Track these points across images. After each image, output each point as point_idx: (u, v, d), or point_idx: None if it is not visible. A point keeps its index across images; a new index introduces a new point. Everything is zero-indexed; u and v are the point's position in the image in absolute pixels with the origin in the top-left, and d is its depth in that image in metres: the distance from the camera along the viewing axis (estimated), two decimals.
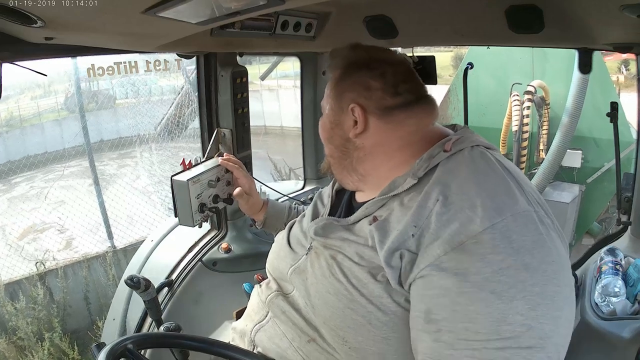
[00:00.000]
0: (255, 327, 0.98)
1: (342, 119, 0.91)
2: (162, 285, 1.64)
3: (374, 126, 0.87)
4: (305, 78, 2.07)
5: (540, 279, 0.66)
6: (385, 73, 0.87)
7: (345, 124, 0.90)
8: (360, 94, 0.87)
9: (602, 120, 2.17)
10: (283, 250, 1.01)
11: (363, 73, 0.88)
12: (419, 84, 0.91)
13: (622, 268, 1.33)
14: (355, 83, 0.89)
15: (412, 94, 0.88)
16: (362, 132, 0.87)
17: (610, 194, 4.15)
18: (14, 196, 7.09)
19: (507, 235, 0.67)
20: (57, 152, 7.43)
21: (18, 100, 9.18)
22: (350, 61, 0.91)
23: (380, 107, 0.86)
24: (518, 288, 0.65)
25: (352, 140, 0.90)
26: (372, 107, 0.87)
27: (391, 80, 0.87)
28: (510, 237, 0.67)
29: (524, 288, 0.65)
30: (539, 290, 0.66)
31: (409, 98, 0.87)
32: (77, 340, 3.59)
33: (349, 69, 0.91)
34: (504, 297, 0.65)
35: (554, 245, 0.70)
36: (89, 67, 6.23)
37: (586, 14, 1.08)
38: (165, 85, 7.93)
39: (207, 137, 1.67)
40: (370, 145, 0.88)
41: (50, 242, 5.07)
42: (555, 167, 4.02)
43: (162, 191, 5.51)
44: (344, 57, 0.93)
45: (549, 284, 0.67)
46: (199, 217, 1.29)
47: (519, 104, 4.14)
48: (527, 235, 0.68)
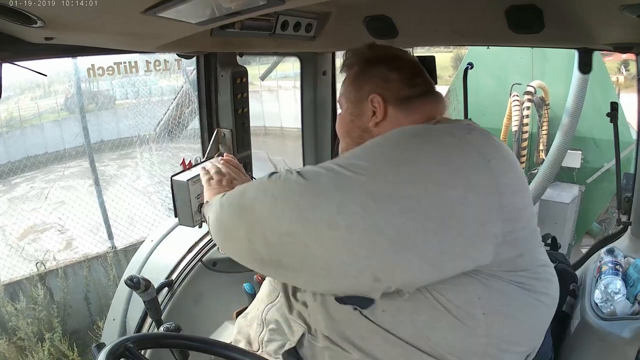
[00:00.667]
0: (267, 307, 1.02)
1: (361, 110, 0.96)
2: (162, 285, 1.64)
3: (392, 115, 0.93)
4: (305, 78, 2.07)
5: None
6: (401, 67, 0.95)
7: (365, 115, 0.95)
8: (379, 85, 0.93)
9: (602, 120, 2.17)
10: None
11: (381, 67, 0.95)
12: (430, 79, 0.98)
13: (622, 268, 1.33)
14: (374, 76, 0.95)
15: (425, 86, 0.95)
16: (381, 121, 0.93)
17: (610, 194, 4.15)
18: (15, 196, 7.08)
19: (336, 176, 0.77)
20: (57, 153, 7.42)
21: (18, 101, 9.17)
22: (368, 57, 0.98)
23: (398, 96, 0.93)
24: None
25: (370, 130, 0.95)
26: (391, 97, 0.93)
27: (407, 73, 0.94)
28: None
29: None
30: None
31: (423, 89, 0.94)
32: (77, 341, 3.59)
33: (367, 64, 0.97)
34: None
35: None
36: (89, 67, 6.23)
37: (586, 14, 1.08)
38: (165, 86, 7.93)
39: (207, 137, 1.67)
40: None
41: (50, 242, 5.07)
42: (555, 168, 4.01)
43: (162, 191, 5.51)
44: (361, 54, 0.99)
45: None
46: (199, 217, 1.29)
47: (519, 104, 4.14)
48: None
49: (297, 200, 0.75)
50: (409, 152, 0.75)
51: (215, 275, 1.74)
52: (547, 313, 0.85)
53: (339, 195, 0.71)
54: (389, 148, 0.77)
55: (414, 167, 0.73)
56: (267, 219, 0.77)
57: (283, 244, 0.76)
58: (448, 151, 0.76)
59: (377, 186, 0.71)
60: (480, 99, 4.33)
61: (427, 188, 0.71)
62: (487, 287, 0.75)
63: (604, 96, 4.01)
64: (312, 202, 0.73)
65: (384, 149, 0.77)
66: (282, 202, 0.76)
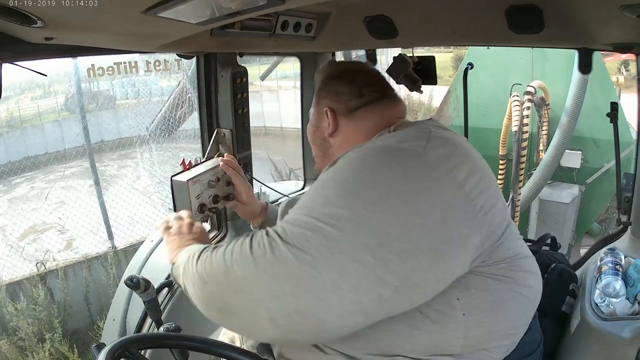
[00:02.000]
0: None
1: (319, 122, 1.07)
2: (162, 285, 1.64)
3: (343, 125, 1.02)
4: (305, 78, 2.07)
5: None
6: (352, 80, 1.04)
7: (322, 126, 1.06)
8: (331, 98, 1.04)
9: (601, 120, 2.17)
10: None
11: (335, 82, 1.05)
12: (385, 86, 1.06)
13: (622, 268, 1.33)
14: (328, 91, 1.05)
15: (376, 94, 1.02)
16: (333, 132, 1.03)
17: (610, 194, 4.14)
18: (15, 197, 7.09)
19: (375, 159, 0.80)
20: (57, 153, 7.43)
21: (18, 101, 9.18)
22: (327, 74, 1.10)
23: (347, 108, 1.02)
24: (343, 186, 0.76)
25: (327, 140, 1.05)
26: (340, 109, 1.02)
27: (357, 85, 1.02)
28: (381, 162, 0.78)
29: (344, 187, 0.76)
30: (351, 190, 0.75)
31: (372, 97, 1.01)
32: (77, 341, 3.59)
33: (326, 80, 1.08)
34: (330, 189, 0.77)
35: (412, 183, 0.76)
36: (89, 67, 6.23)
37: (586, 14, 1.08)
38: (165, 86, 7.94)
39: (207, 137, 1.67)
40: (340, 141, 1.03)
41: (50, 242, 5.08)
42: (553, 167, 4.02)
43: (162, 192, 5.52)
44: (323, 71, 1.11)
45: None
46: (199, 217, 1.29)
47: (519, 104, 4.14)
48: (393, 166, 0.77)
49: (297, 274, 0.70)
50: (381, 187, 0.73)
51: None
52: (529, 304, 0.86)
53: (336, 259, 0.70)
54: (360, 185, 0.75)
55: (391, 202, 0.72)
56: (269, 299, 0.72)
57: (294, 322, 0.71)
58: (415, 175, 0.75)
59: (366, 237, 0.70)
60: (480, 99, 4.33)
61: (410, 222, 0.71)
62: (466, 285, 0.76)
63: (604, 96, 4.01)
64: (312, 273, 0.70)
65: (356, 188, 0.75)
66: (282, 280, 0.71)
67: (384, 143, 0.83)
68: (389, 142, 0.83)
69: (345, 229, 0.70)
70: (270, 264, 0.72)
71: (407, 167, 0.76)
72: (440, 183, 0.75)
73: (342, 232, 0.70)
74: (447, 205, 0.74)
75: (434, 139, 0.81)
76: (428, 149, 0.78)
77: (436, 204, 0.73)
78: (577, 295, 1.37)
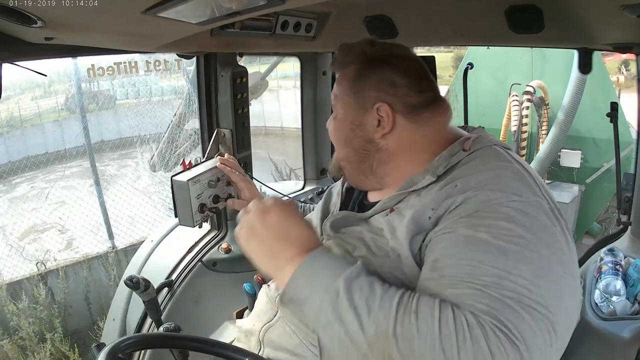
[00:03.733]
0: (264, 328, 0.96)
1: (364, 119, 0.85)
2: (162, 285, 1.64)
3: (401, 125, 0.84)
4: (305, 78, 2.07)
5: (548, 256, 0.66)
6: (408, 69, 0.84)
7: (368, 124, 0.85)
8: (385, 91, 0.83)
9: (601, 120, 2.17)
10: None
11: (386, 69, 0.84)
12: (434, 82, 0.90)
13: (622, 268, 1.33)
14: (379, 80, 0.84)
15: (432, 92, 0.87)
16: (388, 132, 0.84)
17: (610, 194, 4.14)
18: (15, 196, 7.08)
19: (521, 211, 0.68)
20: (57, 153, 7.41)
21: (18, 101, 9.18)
22: (369, 56, 0.86)
23: (407, 104, 0.83)
24: (525, 254, 0.64)
25: (375, 142, 0.86)
26: (399, 105, 0.83)
27: (415, 76, 0.85)
28: (525, 213, 0.68)
29: (532, 256, 0.64)
30: (545, 264, 0.65)
31: (431, 95, 0.86)
32: (77, 341, 3.59)
33: (369, 65, 0.86)
34: (511, 256, 0.64)
35: (565, 240, 0.70)
36: (89, 67, 6.23)
37: (586, 14, 1.08)
38: (165, 86, 7.94)
39: (207, 137, 1.67)
40: (395, 145, 0.85)
41: (51, 242, 5.07)
42: (547, 163, 4.02)
43: (162, 192, 5.51)
44: (361, 52, 0.87)
45: (554, 265, 0.66)
46: (199, 217, 1.29)
47: (518, 104, 4.14)
48: (539, 219, 0.69)
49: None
50: (532, 207, 0.70)
51: (215, 275, 1.74)
52: None
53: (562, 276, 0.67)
54: (516, 202, 0.69)
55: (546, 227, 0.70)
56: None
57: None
58: (531, 190, 0.73)
59: (555, 257, 0.67)
60: (480, 99, 4.33)
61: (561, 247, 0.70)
62: None
63: (604, 96, 4.01)
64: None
65: (515, 204, 0.69)
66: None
67: (527, 193, 0.72)
68: (525, 190, 0.73)
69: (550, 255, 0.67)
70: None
71: (527, 184, 0.73)
72: (574, 264, 0.73)
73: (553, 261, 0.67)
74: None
75: (511, 151, 0.82)
76: (519, 163, 0.77)
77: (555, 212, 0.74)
78: None
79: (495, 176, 0.73)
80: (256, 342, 0.97)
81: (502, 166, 0.76)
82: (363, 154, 0.88)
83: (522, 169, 0.77)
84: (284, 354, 0.91)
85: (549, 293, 0.63)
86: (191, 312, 1.65)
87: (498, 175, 0.73)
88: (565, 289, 0.67)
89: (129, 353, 0.82)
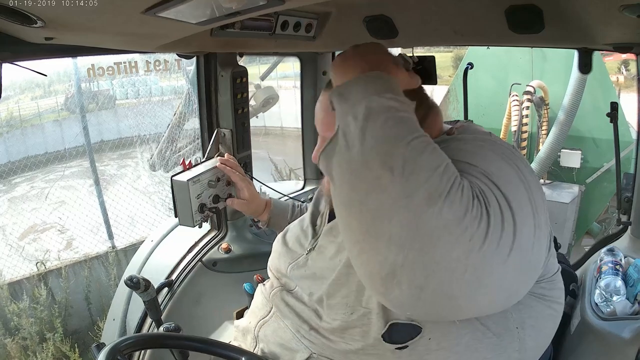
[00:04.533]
0: (259, 323, 1.00)
1: None
2: (162, 285, 1.64)
3: None
4: (305, 78, 2.07)
5: (523, 180, 0.67)
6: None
7: None
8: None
9: (601, 120, 2.17)
10: (282, 249, 1.03)
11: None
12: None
13: (622, 268, 1.33)
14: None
15: (429, 100, 0.90)
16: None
17: (610, 194, 4.15)
18: (15, 196, 7.08)
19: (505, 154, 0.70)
20: (57, 153, 7.42)
21: (18, 101, 9.18)
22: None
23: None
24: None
25: None
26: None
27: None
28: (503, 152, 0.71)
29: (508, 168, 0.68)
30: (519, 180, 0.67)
31: (430, 102, 0.90)
32: (78, 341, 3.59)
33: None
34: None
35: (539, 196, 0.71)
36: (89, 67, 6.23)
37: (586, 14, 1.08)
38: (165, 86, 7.95)
39: (207, 137, 1.67)
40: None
41: (50, 242, 5.07)
42: (548, 163, 4.03)
43: (162, 191, 5.51)
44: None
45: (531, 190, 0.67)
46: (199, 217, 1.30)
47: (518, 104, 4.14)
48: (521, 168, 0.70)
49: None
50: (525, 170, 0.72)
51: (215, 275, 1.74)
52: (558, 320, 0.87)
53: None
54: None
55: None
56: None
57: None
58: (521, 165, 0.73)
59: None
60: (480, 99, 4.33)
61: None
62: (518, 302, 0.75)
63: (604, 96, 4.02)
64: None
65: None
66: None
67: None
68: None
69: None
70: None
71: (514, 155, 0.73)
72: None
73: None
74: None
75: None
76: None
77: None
78: (577, 295, 1.37)
79: (474, 152, 0.73)
80: (252, 339, 1.00)
81: (484, 147, 0.76)
82: None
83: (507, 152, 0.77)
84: (277, 348, 0.95)
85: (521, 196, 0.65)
86: (191, 312, 1.65)
87: (477, 151, 0.73)
88: (530, 215, 0.66)
89: (129, 353, 0.82)
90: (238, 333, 1.07)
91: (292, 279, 0.96)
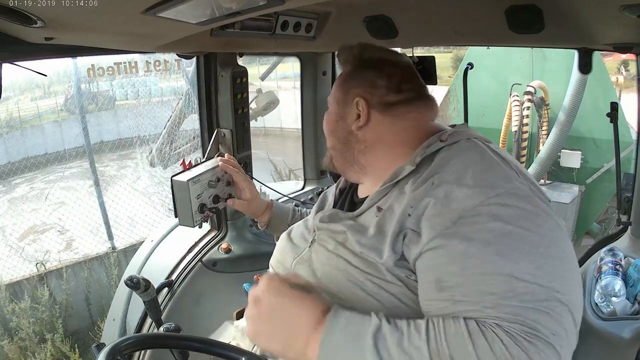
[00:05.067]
0: None
1: (346, 112, 0.95)
2: (162, 285, 1.64)
3: (375, 119, 0.92)
4: (305, 78, 2.07)
5: (542, 242, 0.69)
6: (391, 74, 0.93)
7: (349, 117, 0.95)
8: (365, 89, 0.93)
9: (601, 120, 2.17)
10: (286, 245, 1.03)
11: (371, 72, 0.94)
12: (421, 84, 0.97)
13: (622, 268, 1.33)
14: (362, 80, 0.94)
15: (413, 92, 0.94)
16: (364, 125, 0.92)
17: (610, 194, 4.14)
18: (14, 197, 7.08)
19: (503, 205, 0.71)
20: (57, 153, 7.41)
21: (18, 102, 9.18)
22: (360, 60, 0.97)
23: (382, 102, 0.92)
24: (522, 250, 0.68)
25: (354, 133, 0.94)
26: (375, 102, 0.92)
27: (396, 80, 0.93)
28: (507, 205, 0.71)
29: (528, 250, 0.68)
30: (543, 252, 0.69)
31: (410, 95, 0.93)
32: (78, 341, 3.59)
33: (359, 67, 0.96)
34: (510, 258, 0.67)
35: (551, 219, 0.73)
36: (89, 67, 6.23)
37: (586, 14, 1.08)
38: (165, 87, 7.94)
39: (207, 137, 1.67)
40: (371, 138, 0.93)
41: (50, 243, 5.07)
42: (548, 163, 4.02)
43: (162, 192, 5.51)
44: (355, 55, 0.98)
45: (552, 247, 0.70)
46: (199, 217, 1.29)
47: (519, 104, 4.14)
48: (522, 205, 0.72)
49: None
50: (511, 197, 0.74)
51: (215, 275, 1.74)
52: None
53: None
54: (495, 197, 0.72)
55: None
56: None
57: None
58: (507, 178, 0.76)
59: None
60: (480, 99, 4.33)
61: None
62: None
63: (604, 96, 4.02)
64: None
65: (495, 199, 0.72)
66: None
67: (506, 184, 0.75)
68: (503, 181, 0.75)
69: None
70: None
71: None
72: (566, 238, 0.76)
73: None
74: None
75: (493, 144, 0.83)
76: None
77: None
78: None
79: (470, 169, 0.76)
80: (250, 341, 0.99)
81: (478, 158, 0.79)
82: (345, 143, 0.97)
83: (501, 160, 0.80)
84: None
85: (555, 277, 0.67)
86: (191, 312, 1.65)
87: (474, 169, 0.76)
88: (569, 263, 0.71)
89: (129, 353, 0.82)
90: (238, 333, 1.07)
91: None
